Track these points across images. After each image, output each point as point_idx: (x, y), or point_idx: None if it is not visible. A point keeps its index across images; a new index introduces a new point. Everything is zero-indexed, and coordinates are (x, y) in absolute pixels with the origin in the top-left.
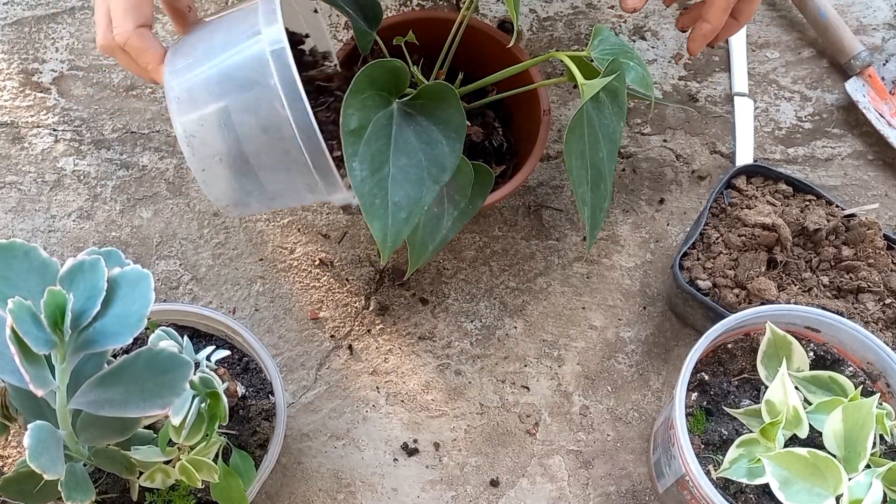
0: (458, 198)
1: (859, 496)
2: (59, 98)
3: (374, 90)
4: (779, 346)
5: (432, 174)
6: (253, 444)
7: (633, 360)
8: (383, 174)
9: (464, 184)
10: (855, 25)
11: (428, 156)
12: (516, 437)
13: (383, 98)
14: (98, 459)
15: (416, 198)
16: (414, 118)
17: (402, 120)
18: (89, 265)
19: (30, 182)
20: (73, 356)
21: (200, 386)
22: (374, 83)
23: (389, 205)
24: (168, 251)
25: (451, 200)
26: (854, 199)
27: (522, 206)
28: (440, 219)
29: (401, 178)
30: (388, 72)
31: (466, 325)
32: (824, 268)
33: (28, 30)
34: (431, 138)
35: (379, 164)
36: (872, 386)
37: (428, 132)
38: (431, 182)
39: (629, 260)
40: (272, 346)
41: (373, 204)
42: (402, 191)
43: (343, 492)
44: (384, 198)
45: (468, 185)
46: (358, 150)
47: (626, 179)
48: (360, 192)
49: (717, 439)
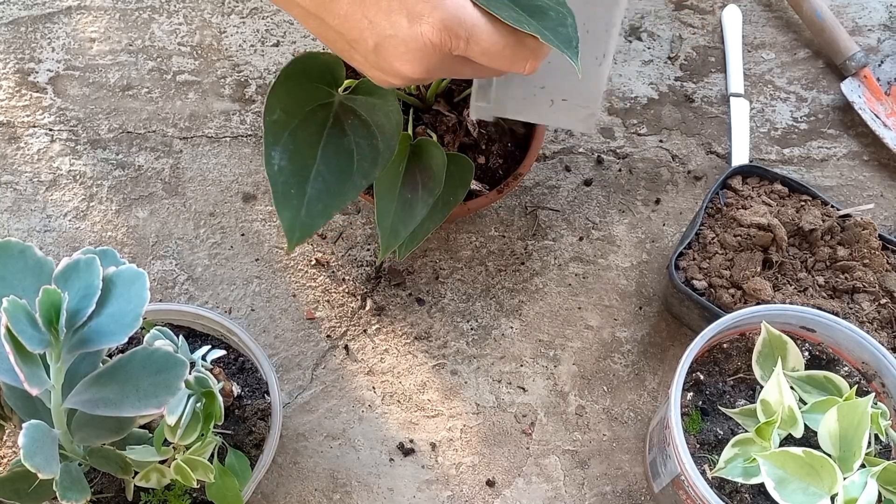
0: (433, 184)
1: (854, 496)
2: (56, 98)
3: (309, 82)
4: (774, 345)
5: (362, 168)
6: (248, 443)
7: (629, 359)
8: (306, 165)
9: (436, 170)
10: (850, 26)
11: (360, 151)
12: (512, 436)
13: (322, 91)
14: (93, 459)
15: (339, 192)
16: (353, 111)
17: (341, 112)
18: (84, 264)
19: (26, 182)
20: (68, 355)
21: (196, 385)
22: (308, 75)
23: (307, 196)
24: (164, 251)
25: (425, 187)
26: (849, 199)
27: (518, 206)
28: (413, 205)
29: (325, 172)
30: (321, 64)
31: (462, 325)
32: (820, 268)
33: (24, 29)
34: (367, 132)
35: (305, 157)
36: (867, 386)
37: (364, 126)
38: (360, 177)
39: (625, 260)
40: (268, 345)
41: (287, 194)
42: (323, 184)
43: (339, 492)
44: (301, 190)
45: (441, 170)
46: (280, 139)
47: (623, 180)
48: (275, 181)
49: (713, 439)
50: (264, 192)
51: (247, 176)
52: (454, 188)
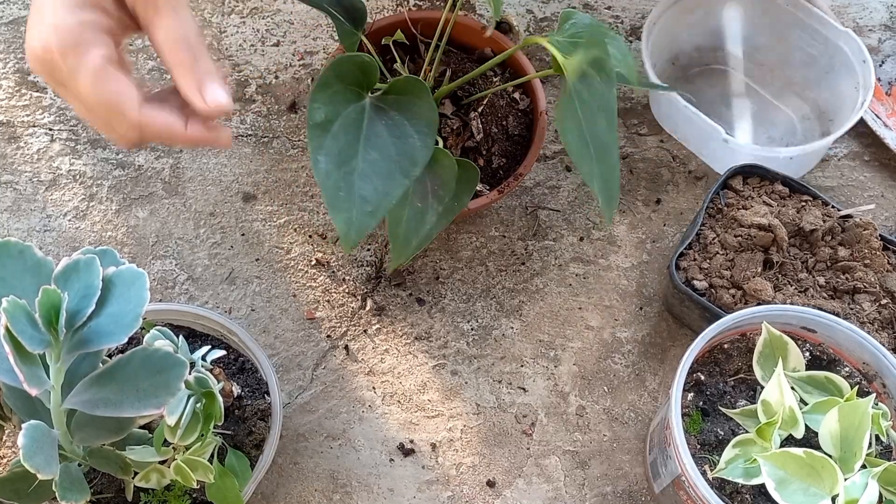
0: (442, 193)
1: (855, 496)
2: (56, 97)
3: (344, 85)
4: (775, 346)
5: (403, 168)
6: (248, 444)
7: (629, 360)
8: (350, 167)
9: (447, 178)
10: (851, 26)
11: (399, 150)
12: (513, 437)
13: (354, 93)
14: (93, 459)
15: (385, 192)
16: (386, 112)
17: (374, 114)
18: (84, 264)
19: (25, 181)
20: (68, 355)
21: (196, 386)
22: (343, 78)
23: (356, 198)
24: (164, 251)
25: (434, 195)
26: (850, 199)
27: (519, 206)
28: (424, 214)
29: (370, 172)
30: (357, 66)
31: (463, 325)
32: (820, 268)
33: (24, 29)
34: (403, 132)
35: (347, 158)
36: (868, 386)
37: (399, 126)
38: (401, 176)
39: (626, 260)
40: (268, 346)
41: (337, 197)
42: (370, 185)
43: (339, 492)
44: (350, 191)
45: (451, 179)
46: (323, 143)
47: (623, 180)
48: (325, 185)
49: (713, 439)
50: (264, 192)
51: (247, 176)
52: (460, 194)
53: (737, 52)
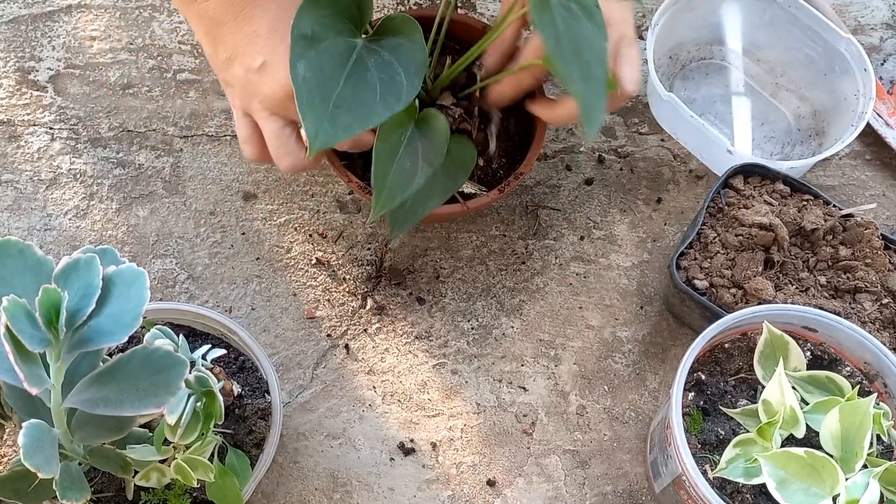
0: (433, 157)
1: (856, 496)
2: (56, 96)
3: (336, 10)
4: (776, 345)
5: (385, 101)
6: (249, 443)
7: (630, 359)
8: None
9: (438, 142)
10: (853, 25)
11: (384, 84)
12: (513, 436)
13: (346, 27)
14: (93, 458)
15: (362, 115)
16: (377, 52)
17: (365, 52)
18: (84, 263)
19: (26, 180)
20: (68, 355)
21: (196, 385)
22: (336, 2)
23: (330, 109)
24: (164, 250)
25: (425, 158)
26: (851, 198)
27: (519, 205)
28: (413, 174)
29: (350, 96)
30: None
31: (463, 324)
32: (821, 268)
33: (24, 28)
34: (391, 70)
35: (329, 77)
36: (869, 386)
37: (388, 65)
38: (382, 108)
39: (626, 259)
40: (268, 345)
41: (311, 102)
42: (346, 105)
43: (339, 491)
44: (325, 101)
45: (443, 143)
46: (306, 53)
47: (624, 179)
48: (300, 88)
49: (714, 439)
50: (265, 191)
51: (247, 175)
52: (455, 170)
53: (736, 48)
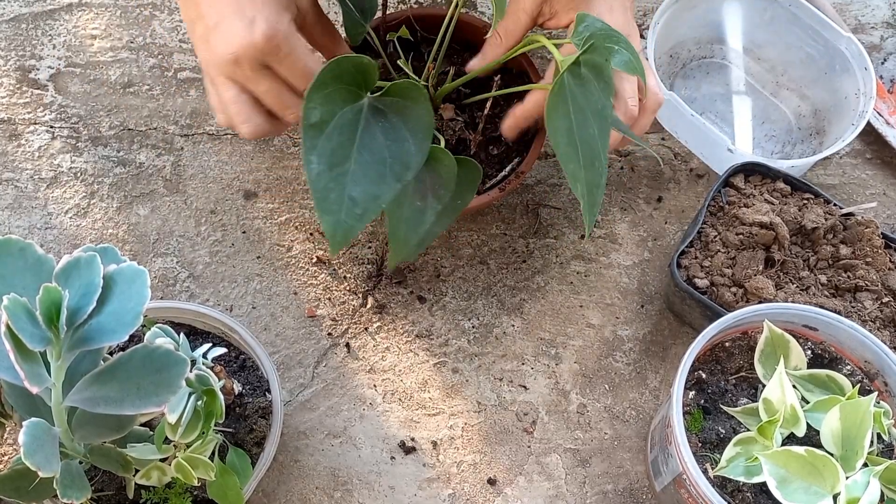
0: (442, 192)
1: (856, 495)
2: (56, 95)
3: (341, 84)
4: (776, 344)
5: (395, 171)
6: (249, 441)
7: (630, 358)
8: (342, 169)
9: (447, 177)
10: (853, 24)
11: (393, 153)
12: (514, 435)
13: (352, 93)
14: (94, 457)
15: (375, 194)
16: (383, 114)
17: (371, 116)
18: (85, 262)
19: (26, 179)
20: (69, 353)
21: (197, 383)
22: (341, 78)
23: (345, 200)
24: (165, 248)
25: (434, 194)
26: (852, 197)
27: (520, 204)
28: (423, 213)
29: (360, 175)
30: (355, 67)
31: (464, 323)
32: (822, 266)
33: (25, 26)
34: (398, 136)
35: (339, 159)
36: (870, 384)
37: (396, 129)
38: (393, 180)
39: (627, 258)
40: (269, 343)
41: (327, 199)
42: (359, 187)
43: (340, 490)
44: (340, 193)
45: (451, 178)
46: (317, 144)
47: (625, 178)
48: (315, 186)
49: (715, 438)
50: (265, 190)
51: (248, 173)
52: (462, 192)
53: (737, 47)
